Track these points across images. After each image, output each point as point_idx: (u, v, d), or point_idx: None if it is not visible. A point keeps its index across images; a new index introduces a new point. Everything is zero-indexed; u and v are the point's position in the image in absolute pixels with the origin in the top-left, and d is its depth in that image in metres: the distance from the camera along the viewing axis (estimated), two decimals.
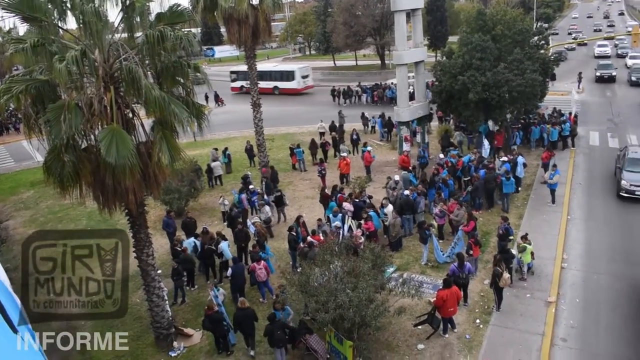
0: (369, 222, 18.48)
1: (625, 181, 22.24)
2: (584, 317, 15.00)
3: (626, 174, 22.63)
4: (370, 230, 18.33)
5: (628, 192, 22.18)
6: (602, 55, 64.00)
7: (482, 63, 25.26)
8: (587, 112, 37.43)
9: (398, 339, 14.34)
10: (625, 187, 22.23)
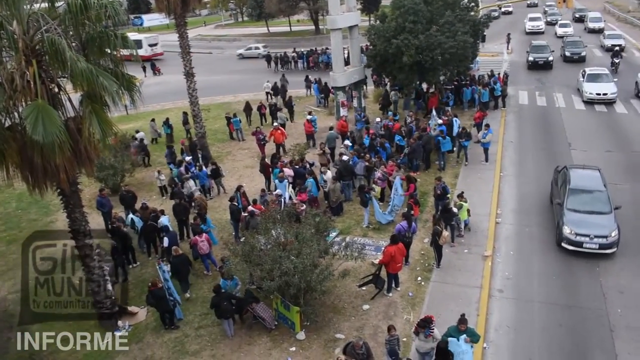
0: (302, 193, 18.46)
1: (568, 228, 15.76)
2: (518, 268, 15.76)
3: (569, 215, 16.15)
4: (303, 201, 18.30)
5: (573, 244, 15.72)
6: (534, 31, 56.10)
7: (414, 26, 25.48)
8: (516, 72, 38.64)
9: (344, 301, 14.63)
10: (568, 237, 15.73)
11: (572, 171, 18.04)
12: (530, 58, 39.52)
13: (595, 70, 31.96)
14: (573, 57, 40.62)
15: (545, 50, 39.79)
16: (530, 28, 56.67)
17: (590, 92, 29.99)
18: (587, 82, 30.78)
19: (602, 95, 29.68)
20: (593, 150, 23.60)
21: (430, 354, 11.36)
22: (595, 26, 54.31)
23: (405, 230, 15.26)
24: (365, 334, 13.17)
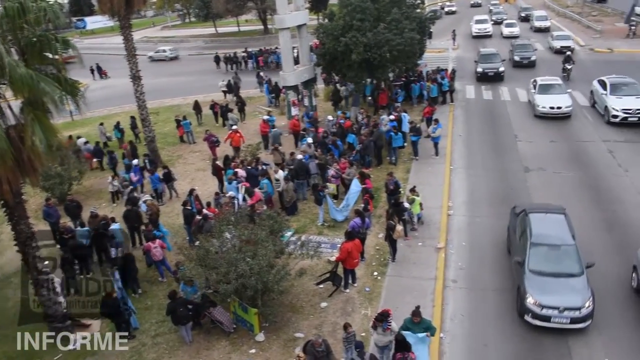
0: (253, 196, 18.33)
1: (532, 297, 12.83)
2: (471, 258, 16.16)
3: (531, 280, 13.17)
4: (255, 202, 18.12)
5: (539, 319, 12.70)
6: (481, 34, 52.61)
7: (362, 24, 25.71)
8: (463, 67, 39.48)
9: (302, 300, 14.66)
10: (532, 310, 12.76)
11: (533, 217, 14.69)
12: (479, 69, 35.33)
13: (548, 80, 29.34)
14: (522, 61, 38.33)
15: (495, 60, 35.59)
16: (477, 31, 52.84)
17: (544, 105, 27.20)
18: (539, 94, 27.91)
19: (557, 109, 26.95)
20: (538, 141, 24.40)
21: (389, 347, 11.51)
22: (541, 25, 53.74)
23: (359, 226, 15.43)
24: (324, 331, 13.22)
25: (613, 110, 25.34)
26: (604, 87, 27.05)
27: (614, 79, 27.31)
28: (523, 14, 63.18)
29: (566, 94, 27.84)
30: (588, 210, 18.27)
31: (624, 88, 26.41)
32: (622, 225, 17.28)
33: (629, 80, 27.14)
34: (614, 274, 14.69)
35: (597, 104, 27.67)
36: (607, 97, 26.23)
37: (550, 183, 20.38)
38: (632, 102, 25.32)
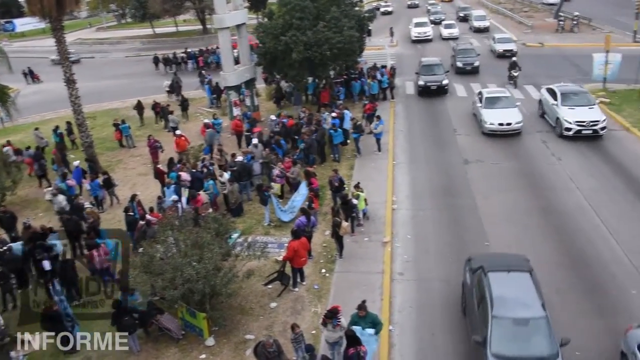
0: (196, 198, 18.07)
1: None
2: (416, 250, 16.52)
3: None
4: (198, 204, 17.88)
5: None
6: (421, 38, 49.47)
7: (302, 22, 25.80)
8: (402, 64, 40.16)
9: (251, 302, 14.59)
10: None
11: (493, 279, 12.00)
12: (421, 82, 31.51)
13: (495, 92, 26.98)
14: (465, 68, 36.06)
15: (438, 71, 32.25)
16: (417, 35, 49.59)
17: (491, 122, 24.46)
18: (486, 109, 25.26)
19: (506, 126, 24.41)
20: (475, 134, 25.17)
21: (339, 343, 11.62)
22: (480, 25, 52.86)
23: (305, 224, 15.50)
24: (275, 331, 13.21)
25: (566, 122, 23.61)
26: (554, 96, 25.32)
27: (563, 87, 25.80)
28: (461, 14, 61.81)
29: (515, 107, 25.43)
30: (525, 196, 19.22)
31: (575, 98, 24.76)
32: (556, 211, 18.14)
33: (579, 89, 25.82)
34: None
35: (548, 115, 26.00)
36: (559, 108, 24.49)
37: (488, 174, 21.09)
38: (586, 113, 23.77)
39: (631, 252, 15.47)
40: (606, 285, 14.29)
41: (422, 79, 31.77)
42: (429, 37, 49.56)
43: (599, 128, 23.40)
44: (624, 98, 29.28)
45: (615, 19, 53.80)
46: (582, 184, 19.73)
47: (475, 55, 37.02)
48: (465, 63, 36.24)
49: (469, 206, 18.84)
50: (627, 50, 36.31)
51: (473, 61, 36.29)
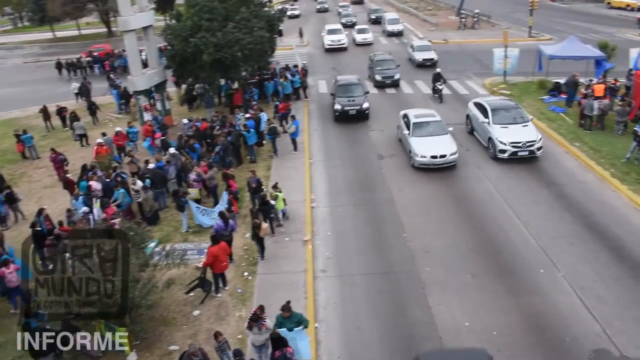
0: (107, 208, 17.41)
1: None
2: (337, 246, 16.75)
3: None
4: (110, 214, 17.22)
5: None
6: (334, 47, 44.99)
7: (211, 24, 25.39)
8: (314, 63, 40.59)
9: (173, 311, 14.23)
10: None
11: None
12: (337, 106, 27.28)
13: (423, 116, 23.16)
14: (385, 82, 33.01)
15: (357, 91, 27.88)
16: (330, 43, 45.22)
17: (423, 154, 21.02)
18: (415, 138, 21.82)
19: (440, 158, 20.96)
20: (388, 130, 25.81)
21: (266, 345, 11.58)
22: (394, 29, 50.91)
23: (223, 228, 15.31)
24: (199, 339, 12.97)
25: (500, 144, 21.43)
26: (484, 112, 23.14)
27: (493, 102, 23.88)
28: (373, 16, 59.26)
29: (447, 134, 22.17)
30: (438, 186, 20.21)
31: (507, 114, 22.74)
32: (466, 199, 19.10)
33: (510, 104, 23.85)
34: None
35: (478, 133, 23.86)
36: (491, 126, 22.18)
37: (403, 167, 21.73)
38: (520, 132, 21.74)
39: (537, 235, 16.51)
40: (517, 267, 15.17)
41: (339, 102, 27.33)
42: (344, 46, 45.24)
43: (536, 148, 21.49)
44: (523, 90, 31.14)
45: (512, 16, 57.22)
46: (490, 172, 20.79)
47: (395, 66, 33.92)
48: (384, 76, 33.13)
49: (386, 199, 19.37)
50: (524, 44, 38.71)
51: (393, 74, 33.26)
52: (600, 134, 23.95)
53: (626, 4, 60.96)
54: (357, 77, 29.96)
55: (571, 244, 16.04)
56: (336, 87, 28.41)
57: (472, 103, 24.91)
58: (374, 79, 33.60)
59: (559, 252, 15.64)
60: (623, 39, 43.96)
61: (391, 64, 34.04)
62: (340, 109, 27.18)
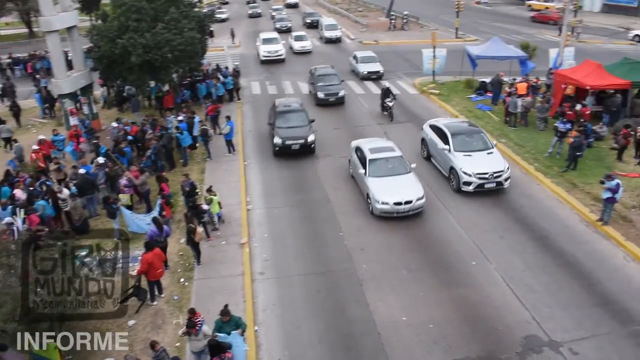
0: (31, 215, 16.60)
1: None
2: (274, 248, 16.74)
3: None
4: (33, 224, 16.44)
5: None
6: (271, 58, 40.22)
7: (139, 24, 24.72)
8: (247, 64, 40.30)
9: (106, 322, 13.72)
10: None
11: None
12: (277, 140, 22.65)
13: (380, 149, 19.62)
14: (328, 99, 29.47)
15: (300, 120, 23.55)
16: (267, 55, 40.36)
17: (385, 200, 17.51)
18: (373, 179, 18.27)
19: (405, 205, 17.53)
20: (323, 130, 25.95)
21: (205, 352, 11.42)
22: (332, 35, 47.92)
23: (157, 234, 14.96)
24: (136, 350, 12.62)
25: (465, 175, 18.98)
26: (443, 138, 20.49)
27: (452, 125, 21.28)
28: (308, 20, 57.42)
29: (411, 172, 18.82)
30: None
31: (469, 140, 20.34)
32: None
33: (471, 128, 21.57)
34: None
35: (436, 161, 21.40)
36: (452, 154, 19.71)
37: (337, 167, 21.96)
38: (485, 161, 19.32)
39: (469, 229, 17.14)
40: (450, 261, 15.72)
41: (278, 134, 22.71)
42: (281, 57, 40.63)
43: (504, 179, 19.21)
44: (451, 89, 32.19)
45: (440, 18, 59.06)
46: (425, 174, 21.31)
47: (339, 82, 30.61)
48: (327, 93, 29.44)
49: (321, 199, 19.54)
50: (451, 45, 40.02)
51: (337, 90, 29.70)
52: (524, 130, 25.13)
53: (545, 7, 64.56)
54: (298, 102, 25.82)
55: (501, 237, 16.77)
56: (274, 115, 23.91)
57: (428, 126, 22.24)
58: (316, 96, 29.83)
59: (490, 245, 16.30)
60: (543, 39, 46.28)
61: (334, 78, 30.63)
62: (281, 143, 22.58)
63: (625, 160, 21.44)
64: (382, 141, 21.51)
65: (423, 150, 22.67)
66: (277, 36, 43.10)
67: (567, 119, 22.42)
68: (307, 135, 22.63)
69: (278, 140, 22.38)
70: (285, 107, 24.53)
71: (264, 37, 42.69)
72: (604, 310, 13.42)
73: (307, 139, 22.56)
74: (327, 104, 29.62)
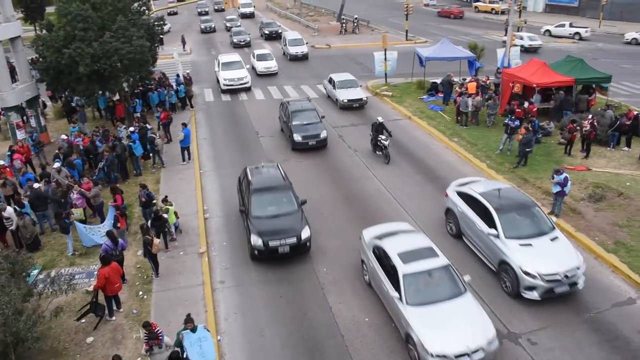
0: None
1: None
2: (233, 256, 16.60)
3: None
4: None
5: None
6: (234, 87, 33.77)
7: (86, 34, 24.15)
8: (199, 71, 39.89)
9: (64, 341, 13.32)
10: None
11: None
12: (257, 241, 15.69)
13: (406, 241, 13.89)
14: (308, 143, 23.80)
15: (286, 205, 16.84)
16: (228, 84, 33.80)
17: (441, 351, 11.09)
18: (413, 307, 12.06)
19: (473, 356, 11.22)
20: (277, 136, 26.00)
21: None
22: (298, 52, 42.48)
23: (112, 248, 14.62)
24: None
25: (527, 278, 13.41)
26: (485, 215, 14.91)
27: (492, 194, 15.35)
28: (266, 31, 53.08)
29: (467, 292, 12.56)
30: (331, 188, 20.65)
31: (520, 218, 14.77)
32: (358, 199, 19.69)
33: (517, 199, 15.49)
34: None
35: (473, 244, 15.71)
36: (502, 243, 14.13)
37: (296, 171, 21.89)
38: (552, 252, 13.94)
39: (427, 229, 17.41)
40: None
41: (256, 231, 15.88)
42: (246, 85, 34.20)
43: (579, 278, 13.72)
44: (403, 91, 32.72)
45: (390, 20, 60.01)
46: (379, 172, 21.57)
47: (319, 118, 24.88)
48: (306, 135, 23.88)
49: None
50: (402, 47, 40.73)
51: (318, 131, 24.12)
52: (476, 129, 25.77)
53: (491, 8, 66.73)
54: (281, 176, 18.02)
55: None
56: (250, 199, 16.79)
57: (456, 193, 16.71)
58: (292, 139, 24.10)
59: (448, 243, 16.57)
60: (490, 40, 47.58)
61: (313, 115, 24.96)
62: (262, 247, 15.65)
63: (573, 154, 22.23)
64: (412, 236, 14.48)
65: (449, 225, 16.94)
66: (239, 59, 35.92)
67: (516, 116, 23.10)
68: (300, 231, 15.87)
69: (258, 242, 15.71)
70: (262, 183, 17.46)
71: (223, 60, 35.65)
72: (559, 301, 13.84)
73: (300, 238, 15.79)
74: (306, 148, 24.14)
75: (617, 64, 38.44)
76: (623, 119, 22.67)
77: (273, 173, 18.36)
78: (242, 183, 18.41)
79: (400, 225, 15.77)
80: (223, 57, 36.17)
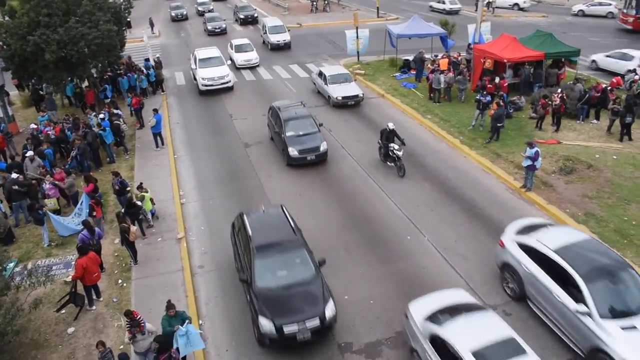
0: None
1: None
2: (211, 240, 16.62)
3: None
4: None
5: None
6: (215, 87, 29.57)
7: (51, 19, 23.60)
8: (169, 54, 39.27)
9: (44, 333, 13.26)
10: None
11: None
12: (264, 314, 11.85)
13: (479, 323, 10.38)
14: (306, 157, 20.37)
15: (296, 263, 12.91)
16: (208, 84, 29.67)
17: None
18: None
19: None
20: (251, 117, 25.88)
21: (151, 349, 11.25)
22: (279, 40, 38.82)
23: (89, 237, 14.52)
24: (78, 357, 12.33)
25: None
26: (567, 283, 11.35)
27: (569, 251, 11.74)
28: (242, 15, 50.14)
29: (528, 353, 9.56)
30: (305, 168, 20.60)
31: (615, 287, 11.12)
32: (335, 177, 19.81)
33: (602, 255, 11.77)
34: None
35: (548, 315, 11.99)
36: (599, 327, 10.40)
37: (269, 154, 21.95)
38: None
39: (402, 205, 17.63)
40: (386, 237, 16.15)
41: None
42: (228, 84, 30.32)
43: None
44: (376, 69, 32.76)
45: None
46: (353, 150, 21.67)
47: (317, 127, 21.37)
48: (303, 150, 20.43)
49: (256, 187, 19.52)
50: (373, 25, 40.63)
51: (316, 143, 20.64)
52: (448, 105, 26.01)
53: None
54: (289, 226, 13.94)
55: (432, 210, 17.37)
56: (252, 262, 12.78)
57: (516, 244, 13.08)
58: (286, 153, 20.66)
59: (423, 219, 16.85)
60: (462, 15, 47.69)
61: (309, 123, 21.46)
62: (274, 335, 11.71)
63: (544, 128, 22.61)
64: (482, 317, 10.72)
65: (507, 283, 13.37)
66: (219, 54, 31.70)
67: (488, 92, 23.36)
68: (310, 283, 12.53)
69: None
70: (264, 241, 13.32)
71: (200, 56, 31.17)
72: None
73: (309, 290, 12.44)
74: (302, 164, 20.77)
75: (585, 37, 38.95)
76: (592, 92, 23.10)
77: (278, 222, 14.17)
78: (237, 234, 14.63)
79: (457, 294, 12.11)
80: (200, 52, 31.80)
